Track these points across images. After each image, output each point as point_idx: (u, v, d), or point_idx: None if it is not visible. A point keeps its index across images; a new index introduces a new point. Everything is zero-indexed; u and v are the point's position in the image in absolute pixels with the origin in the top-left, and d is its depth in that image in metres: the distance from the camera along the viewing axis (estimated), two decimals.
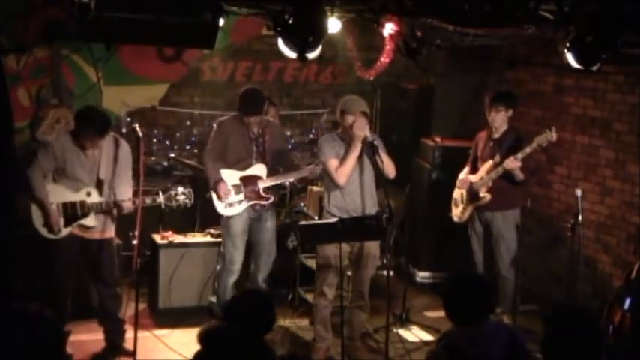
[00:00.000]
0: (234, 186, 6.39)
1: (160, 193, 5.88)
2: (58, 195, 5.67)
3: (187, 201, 6.03)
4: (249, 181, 6.40)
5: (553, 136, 6.26)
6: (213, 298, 6.74)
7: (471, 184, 6.67)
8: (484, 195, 6.57)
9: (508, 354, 3.73)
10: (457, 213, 6.85)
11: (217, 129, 6.50)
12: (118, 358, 5.89)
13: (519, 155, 6.30)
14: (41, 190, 5.64)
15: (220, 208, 6.43)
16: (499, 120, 6.58)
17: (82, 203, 5.67)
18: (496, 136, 6.64)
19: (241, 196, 6.39)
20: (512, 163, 6.30)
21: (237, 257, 6.47)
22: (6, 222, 5.31)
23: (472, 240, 6.81)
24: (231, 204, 6.39)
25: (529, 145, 6.32)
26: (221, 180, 6.36)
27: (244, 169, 6.43)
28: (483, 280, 4.05)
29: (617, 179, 6.98)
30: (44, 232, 5.69)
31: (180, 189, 6.04)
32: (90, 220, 5.71)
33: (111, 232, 5.88)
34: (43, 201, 5.62)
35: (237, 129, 6.41)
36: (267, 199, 6.46)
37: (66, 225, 5.69)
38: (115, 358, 5.90)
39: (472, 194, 6.66)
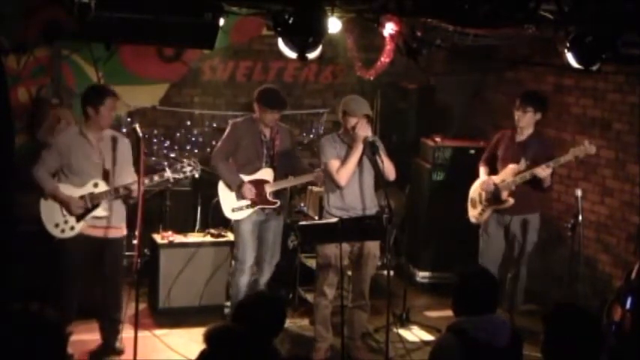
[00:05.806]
0: None
1: (167, 168, 5.89)
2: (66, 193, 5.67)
3: (195, 172, 6.02)
4: (256, 185, 6.37)
5: (593, 148, 6.17)
6: (228, 303, 6.72)
7: (494, 185, 6.50)
8: (506, 199, 6.43)
9: (511, 343, 3.79)
10: (475, 214, 6.70)
11: (231, 130, 6.46)
12: (111, 357, 5.89)
13: (552, 164, 6.20)
14: (50, 184, 5.65)
15: (228, 212, 6.41)
16: (525, 121, 6.42)
17: (91, 195, 5.67)
18: (520, 138, 6.49)
19: (248, 201, 6.36)
20: (545, 171, 6.19)
21: (249, 257, 6.43)
22: (5, 221, 5.31)
23: (481, 241, 6.70)
24: (238, 208, 6.38)
25: (563, 155, 6.23)
26: (244, 182, 6.33)
27: (253, 171, 6.40)
28: (491, 273, 4.15)
29: (617, 179, 6.98)
30: (57, 232, 5.67)
31: (186, 161, 6.02)
32: (101, 211, 5.70)
33: (116, 231, 5.85)
34: (56, 194, 5.63)
35: (250, 131, 6.38)
36: (274, 203, 6.43)
37: (78, 220, 5.68)
38: (107, 357, 5.90)
39: (493, 196, 6.51)
